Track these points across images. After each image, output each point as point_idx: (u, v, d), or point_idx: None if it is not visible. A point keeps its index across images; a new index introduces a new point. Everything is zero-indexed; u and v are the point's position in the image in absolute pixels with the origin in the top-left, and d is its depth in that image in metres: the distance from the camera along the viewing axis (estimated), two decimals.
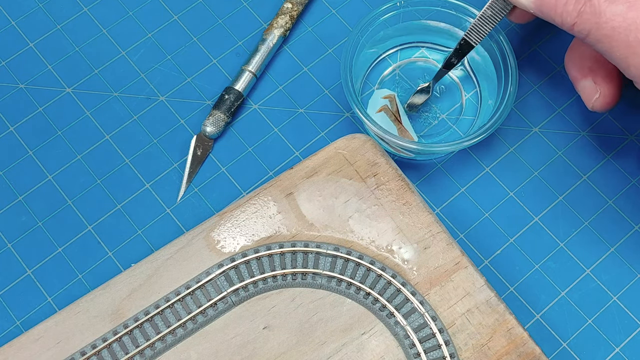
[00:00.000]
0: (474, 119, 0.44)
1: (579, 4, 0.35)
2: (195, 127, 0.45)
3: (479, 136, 0.40)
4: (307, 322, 0.38)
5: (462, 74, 0.46)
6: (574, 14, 0.36)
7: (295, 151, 0.45)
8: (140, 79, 0.47)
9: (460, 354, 0.37)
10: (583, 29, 0.36)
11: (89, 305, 0.38)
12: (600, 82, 0.39)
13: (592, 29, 0.35)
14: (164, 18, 0.48)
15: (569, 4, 0.36)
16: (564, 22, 0.36)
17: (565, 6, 0.36)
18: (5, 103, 0.46)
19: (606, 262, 0.42)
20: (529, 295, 0.41)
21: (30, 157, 0.45)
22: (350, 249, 0.39)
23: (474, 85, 0.45)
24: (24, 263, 0.42)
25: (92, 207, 0.43)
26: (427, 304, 0.38)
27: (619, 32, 0.34)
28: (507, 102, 0.41)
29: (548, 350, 0.40)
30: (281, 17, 0.47)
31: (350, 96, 0.40)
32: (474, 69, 0.45)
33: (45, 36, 0.48)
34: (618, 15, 0.34)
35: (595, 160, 0.44)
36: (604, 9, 0.35)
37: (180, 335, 0.38)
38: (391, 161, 0.41)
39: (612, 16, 0.34)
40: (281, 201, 0.40)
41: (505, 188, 0.44)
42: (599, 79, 0.40)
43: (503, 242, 0.43)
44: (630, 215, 0.43)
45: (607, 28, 0.35)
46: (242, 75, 0.45)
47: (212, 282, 0.38)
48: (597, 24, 0.35)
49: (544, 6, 0.37)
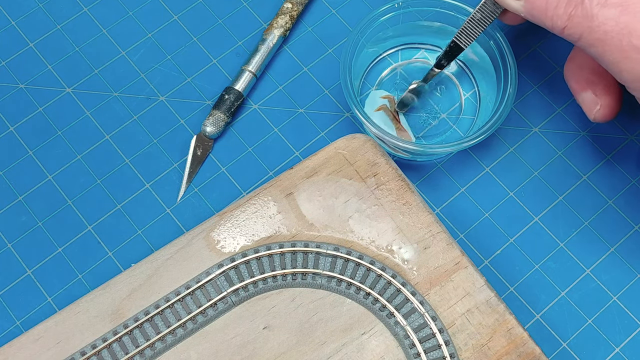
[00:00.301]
0: (474, 119, 0.44)
1: (570, 7, 0.35)
2: (195, 127, 0.45)
3: (478, 137, 0.40)
4: (307, 322, 0.38)
5: (460, 74, 0.46)
6: (564, 18, 0.35)
7: (295, 151, 0.45)
8: (140, 79, 0.47)
9: (460, 354, 0.37)
10: (574, 32, 0.35)
11: (89, 305, 0.38)
12: (600, 94, 0.39)
13: (584, 33, 0.35)
14: (164, 18, 0.48)
15: (560, 7, 0.35)
16: (554, 25, 0.36)
17: (556, 9, 0.35)
18: (5, 103, 0.46)
19: (606, 262, 0.42)
20: (529, 295, 0.41)
21: (30, 157, 0.45)
22: (350, 249, 0.39)
23: (472, 85, 0.45)
24: (24, 263, 0.42)
25: (92, 207, 0.43)
26: (427, 304, 0.38)
27: (612, 37, 0.34)
28: (507, 102, 0.41)
29: (548, 351, 0.40)
30: (281, 17, 0.47)
31: (350, 96, 0.40)
32: (472, 69, 0.45)
33: (45, 36, 0.48)
34: (610, 19, 0.34)
35: (595, 160, 0.44)
36: (596, 12, 0.34)
37: (180, 336, 0.38)
38: (391, 161, 0.41)
39: (604, 20, 0.34)
40: (281, 201, 0.40)
41: (505, 188, 0.44)
42: (599, 91, 0.39)
43: (503, 242, 0.43)
44: (630, 215, 0.43)
45: (599, 32, 0.34)
46: (242, 75, 0.45)
47: (212, 282, 0.38)
48: (589, 27, 0.34)
49: (535, 9, 0.36)
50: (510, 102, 0.41)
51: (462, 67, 0.46)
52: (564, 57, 0.46)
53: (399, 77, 0.46)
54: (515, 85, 0.41)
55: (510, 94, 0.41)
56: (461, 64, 0.45)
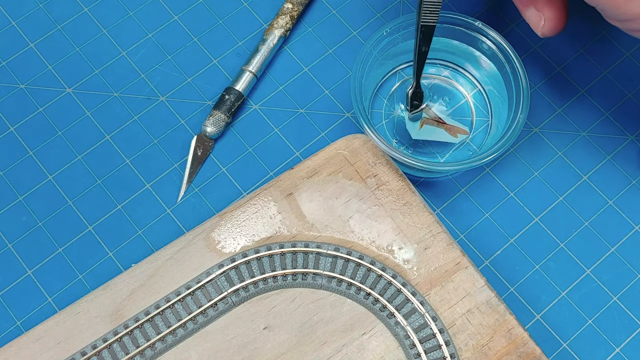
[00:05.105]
0: (485, 137, 0.44)
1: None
2: (196, 128, 0.45)
3: (487, 157, 0.39)
4: (308, 323, 0.38)
5: (474, 94, 0.45)
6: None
7: (296, 151, 0.45)
8: (141, 79, 0.47)
9: (460, 354, 0.37)
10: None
11: (90, 305, 0.38)
12: (542, 8, 0.40)
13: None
14: (165, 18, 0.48)
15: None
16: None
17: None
18: (6, 103, 0.46)
19: (606, 262, 0.42)
20: (529, 295, 0.41)
21: (30, 157, 0.45)
22: (351, 249, 0.39)
23: (486, 104, 0.45)
24: (24, 263, 0.42)
25: (93, 207, 0.43)
26: (428, 304, 0.38)
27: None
28: (515, 128, 0.40)
29: (548, 351, 0.40)
30: (281, 18, 0.47)
31: (361, 114, 0.40)
32: (487, 90, 0.45)
33: (45, 36, 0.48)
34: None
35: (595, 160, 0.44)
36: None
37: (180, 336, 0.38)
38: (392, 162, 0.41)
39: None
40: (281, 201, 0.40)
41: (506, 188, 0.44)
42: (540, 5, 0.40)
43: (503, 242, 0.43)
44: (630, 215, 0.43)
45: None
46: (243, 75, 0.45)
47: (213, 282, 0.38)
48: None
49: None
50: (519, 128, 0.40)
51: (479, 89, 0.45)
52: (564, 57, 0.47)
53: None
54: (526, 113, 0.40)
55: (521, 120, 0.40)
56: (477, 85, 0.45)
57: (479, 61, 0.44)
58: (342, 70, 0.47)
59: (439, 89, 0.45)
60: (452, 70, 0.46)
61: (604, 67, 0.46)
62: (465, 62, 0.45)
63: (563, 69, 0.46)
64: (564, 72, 0.46)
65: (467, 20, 0.42)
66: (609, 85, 0.46)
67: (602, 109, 0.45)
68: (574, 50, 0.47)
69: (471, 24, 0.42)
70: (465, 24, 0.42)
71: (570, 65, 0.47)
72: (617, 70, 0.46)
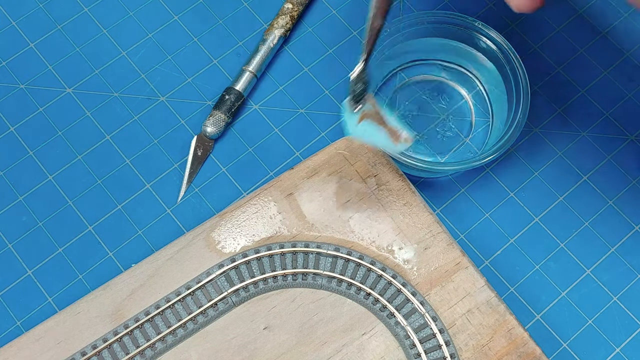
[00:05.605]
0: (486, 137, 0.44)
1: None
2: (196, 128, 0.45)
3: (487, 157, 0.39)
4: (308, 323, 0.38)
5: (474, 94, 0.45)
6: None
7: (296, 151, 0.45)
8: (141, 79, 0.46)
9: (460, 354, 0.37)
10: None
11: (90, 305, 0.38)
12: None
13: None
14: (165, 18, 0.48)
15: None
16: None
17: None
18: (6, 103, 0.46)
19: (606, 262, 0.42)
20: (529, 295, 0.41)
21: (30, 157, 0.45)
22: (351, 249, 0.39)
23: (486, 104, 0.45)
24: (24, 263, 0.42)
25: (93, 207, 0.43)
26: (428, 305, 0.38)
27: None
28: (515, 128, 0.40)
29: (548, 351, 0.40)
30: (281, 18, 0.47)
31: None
32: (487, 90, 0.45)
33: (45, 36, 0.48)
34: None
35: (595, 160, 0.44)
36: None
37: (180, 336, 0.38)
38: (392, 162, 0.41)
39: None
40: (282, 201, 0.40)
41: (506, 188, 0.44)
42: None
43: (503, 242, 0.43)
44: (630, 215, 0.43)
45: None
46: (243, 75, 0.45)
47: (213, 282, 0.38)
48: None
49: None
50: (519, 129, 0.40)
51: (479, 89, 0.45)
52: (564, 57, 0.47)
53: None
54: (525, 114, 0.40)
55: (521, 120, 0.40)
56: (477, 85, 0.45)
57: (479, 61, 0.44)
58: (342, 70, 0.47)
59: (439, 89, 0.45)
60: (452, 70, 0.46)
61: (604, 67, 0.46)
62: (465, 62, 0.45)
63: (563, 69, 0.46)
64: (564, 72, 0.46)
65: (467, 20, 0.42)
66: (609, 85, 0.46)
67: (602, 109, 0.46)
68: (574, 50, 0.47)
69: (471, 24, 0.42)
70: (465, 24, 0.42)
71: (570, 65, 0.47)
72: (617, 70, 0.46)
